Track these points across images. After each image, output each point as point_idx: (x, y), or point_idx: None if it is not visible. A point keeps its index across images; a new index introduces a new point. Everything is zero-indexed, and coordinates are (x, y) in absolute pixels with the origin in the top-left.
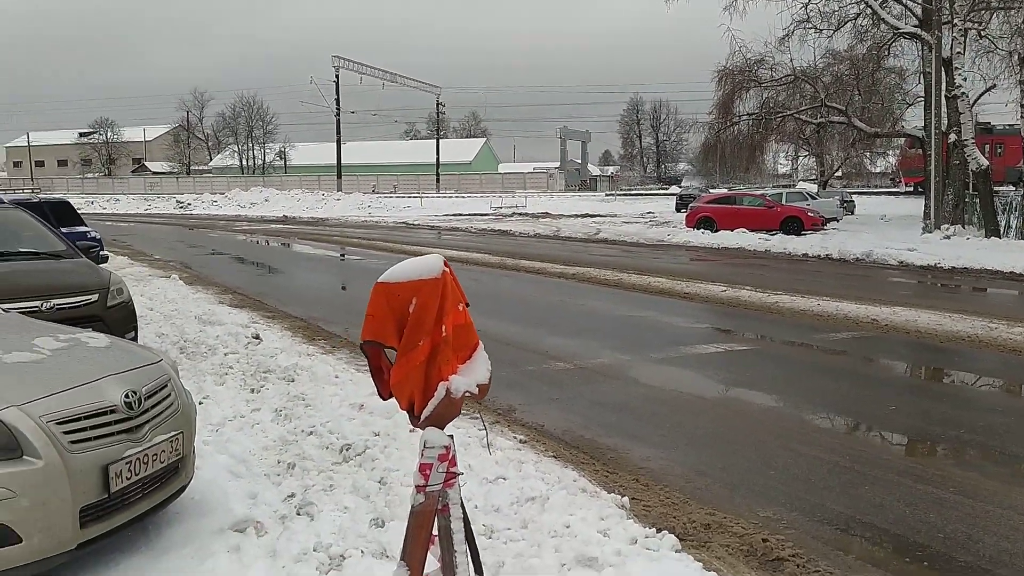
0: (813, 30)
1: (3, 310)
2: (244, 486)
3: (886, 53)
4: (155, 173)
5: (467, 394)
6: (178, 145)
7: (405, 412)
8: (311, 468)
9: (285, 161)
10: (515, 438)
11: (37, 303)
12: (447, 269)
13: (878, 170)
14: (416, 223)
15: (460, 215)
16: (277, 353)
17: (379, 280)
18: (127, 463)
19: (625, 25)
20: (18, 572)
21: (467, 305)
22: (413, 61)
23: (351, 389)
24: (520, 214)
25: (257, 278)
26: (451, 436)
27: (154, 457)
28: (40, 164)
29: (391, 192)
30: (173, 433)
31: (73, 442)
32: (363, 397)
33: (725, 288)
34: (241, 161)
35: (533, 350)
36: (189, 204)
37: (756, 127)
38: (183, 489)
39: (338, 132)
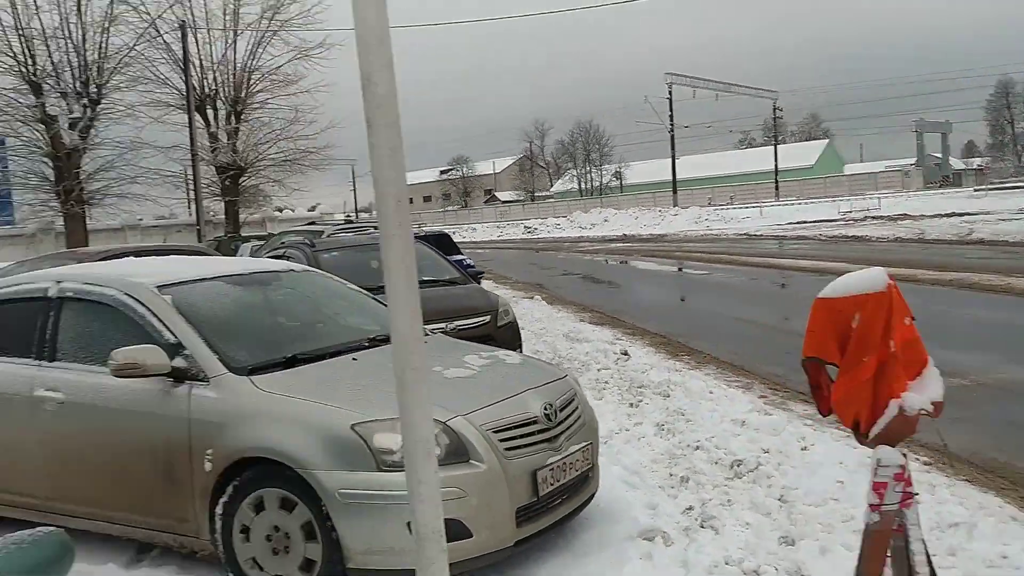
0: None
1: (429, 331)
2: (641, 497)
3: None
4: (504, 202)
5: (921, 412)
6: (523, 174)
7: (851, 429)
8: (704, 482)
9: (621, 181)
10: (917, 459)
11: (443, 324)
12: (891, 282)
13: None
14: (758, 233)
15: (805, 222)
16: (647, 369)
17: (819, 296)
18: (550, 470)
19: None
20: (468, 564)
21: (913, 319)
22: (746, 69)
23: (727, 405)
24: (874, 217)
25: (609, 296)
26: (904, 454)
27: (570, 465)
28: (409, 201)
29: (727, 203)
30: (584, 444)
31: (507, 449)
32: (742, 413)
33: None
34: (580, 184)
35: None
36: (535, 228)
37: None
38: (592, 497)
39: (672, 148)
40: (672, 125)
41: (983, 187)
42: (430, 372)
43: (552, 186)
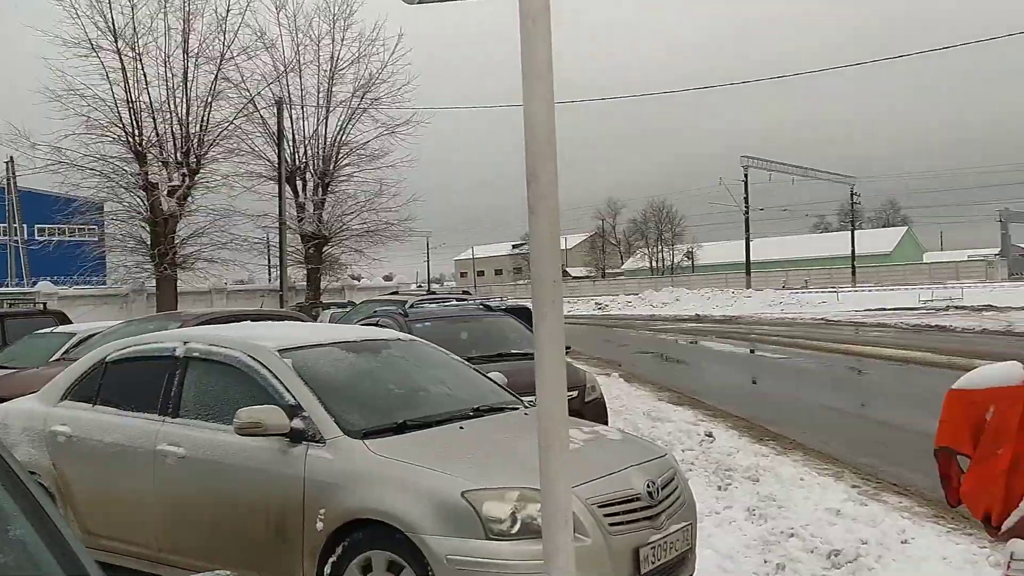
0: None
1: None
2: None
3: None
4: (575, 277)
5: None
6: (594, 251)
7: (981, 522)
8: (802, 570)
9: (693, 261)
10: None
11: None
12: None
13: None
14: (836, 319)
15: (884, 309)
16: (734, 452)
17: (953, 387)
18: (652, 548)
19: None
20: None
21: None
22: (823, 153)
23: (820, 493)
24: (956, 307)
25: (686, 376)
26: None
27: (671, 545)
28: (480, 274)
29: (802, 288)
30: (684, 524)
31: (611, 524)
32: (837, 502)
33: None
34: (651, 262)
35: None
36: (606, 305)
37: None
38: None
39: (747, 229)
40: (747, 207)
41: None
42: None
43: (623, 263)
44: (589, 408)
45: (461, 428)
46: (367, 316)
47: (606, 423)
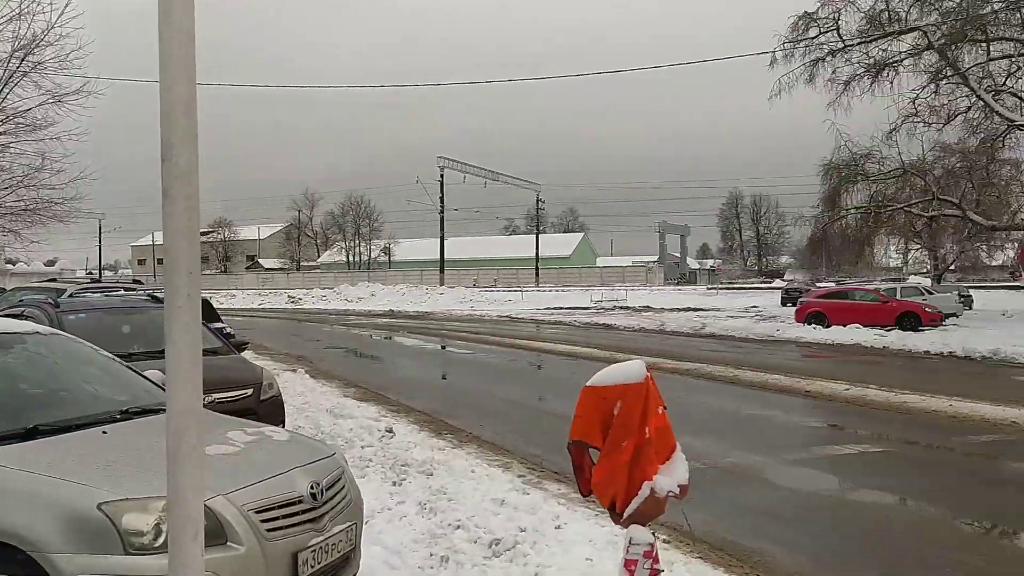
0: (922, 124)
1: None
2: None
3: (1000, 145)
4: (268, 269)
5: (670, 494)
6: (289, 242)
7: (608, 509)
8: (464, 561)
9: (390, 257)
10: (658, 537)
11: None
12: (649, 374)
13: (996, 263)
14: (519, 316)
15: (561, 308)
16: (411, 447)
17: (587, 384)
18: (312, 551)
19: (726, 120)
20: None
21: (665, 408)
22: (514, 160)
23: (488, 484)
24: (621, 308)
25: (375, 372)
26: (653, 533)
27: (333, 546)
28: (160, 261)
29: (491, 286)
30: (348, 524)
31: (269, 530)
32: (503, 492)
33: (848, 386)
34: (348, 257)
35: None
36: (300, 299)
37: (864, 220)
38: None
39: (442, 229)
40: (443, 207)
41: (715, 286)
42: None
43: (320, 256)
44: (264, 407)
45: (104, 432)
46: (12, 306)
47: (283, 422)
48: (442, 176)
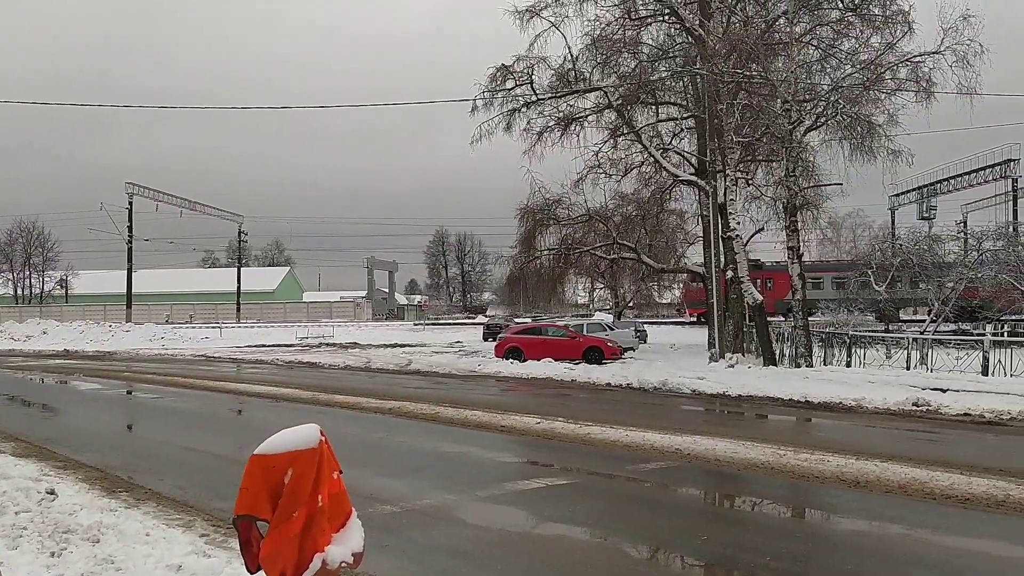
0: (604, 175)
1: None
2: None
3: (668, 197)
4: None
5: (343, 564)
6: None
7: None
8: None
9: (67, 290)
10: None
11: None
12: (323, 438)
13: (665, 301)
14: (216, 355)
15: (264, 346)
16: (77, 510)
17: (255, 452)
18: None
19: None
20: None
21: (340, 472)
22: (215, 191)
23: (165, 548)
24: (328, 344)
25: (40, 422)
26: None
27: None
28: None
29: (187, 322)
30: None
31: None
32: (180, 557)
33: (539, 420)
34: (16, 290)
35: (359, 493)
36: None
37: (556, 261)
38: None
39: (129, 260)
40: (131, 236)
41: (422, 322)
42: None
43: None
44: None
45: None
46: None
47: None
48: (131, 203)
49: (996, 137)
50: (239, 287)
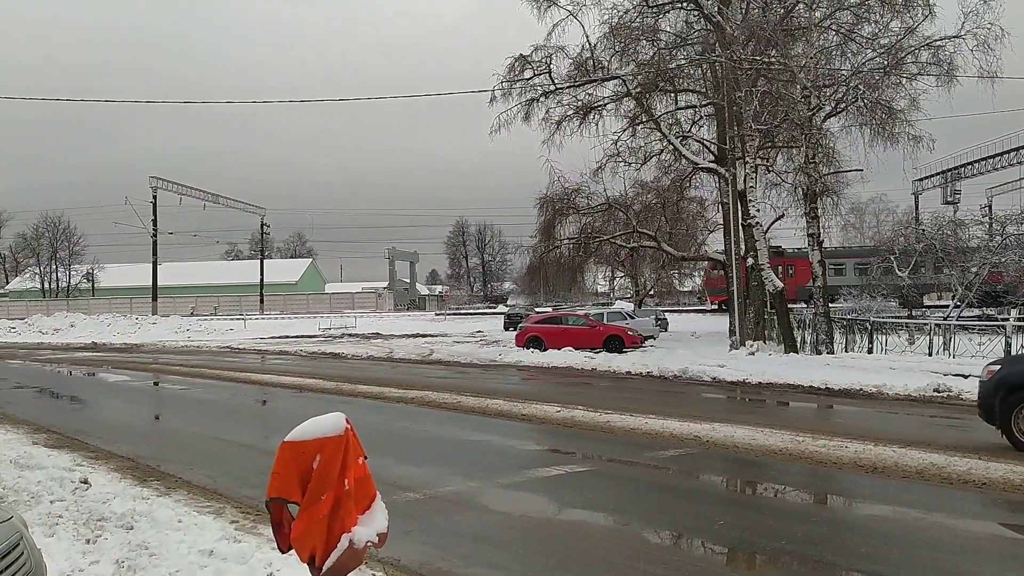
0: (623, 163)
1: None
2: None
3: (688, 184)
4: None
5: (369, 544)
6: None
7: (307, 563)
8: None
9: (93, 283)
10: (372, 574)
11: None
12: (349, 426)
13: (686, 289)
14: (241, 347)
15: (288, 337)
16: (110, 498)
17: (285, 439)
18: None
19: (453, 152)
20: None
21: (365, 458)
22: (236, 185)
23: (197, 534)
24: (350, 335)
25: (72, 414)
26: None
27: None
28: None
29: (211, 314)
30: None
31: None
32: (212, 543)
33: (559, 409)
34: (43, 284)
35: (382, 480)
36: None
37: (576, 250)
38: None
39: (155, 253)
40: (156, 229)
41: (443, 311)
42: None
43: (8, 283)
44: None
45: None
46: None
47: None
48: (155, 197)
49: (1019, 120)
50: (262, 279)
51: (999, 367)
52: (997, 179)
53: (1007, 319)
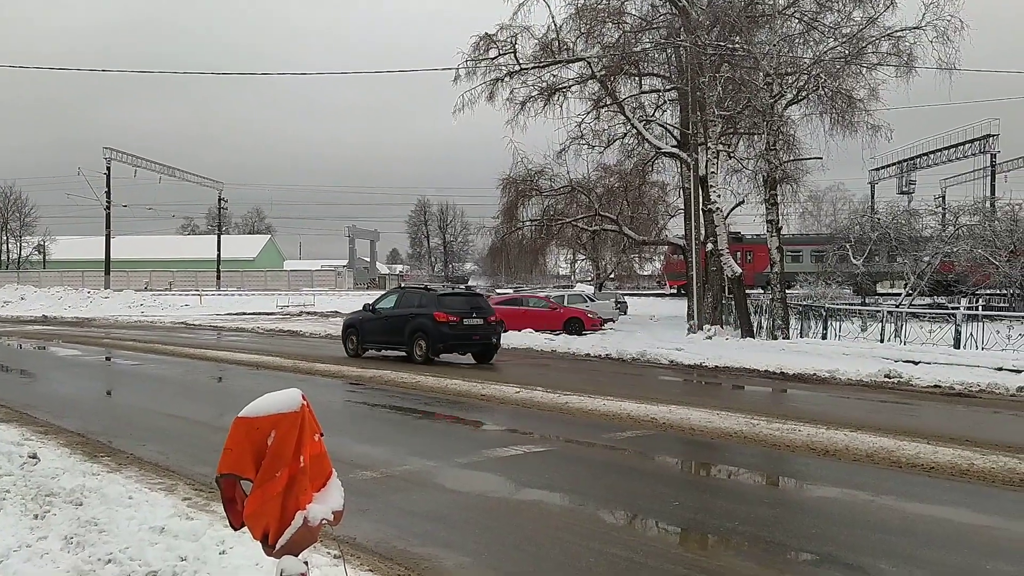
0: (586, 146)
1: None
2: None
3: (650, 169)
4: None
5: (324, 521)
6: None
7: (260, 541)
8: None
9: (44, 256)
10: (329, 553)
11: None
12: (305, 403)
13: (646, 273)
14: (196, 323)
15: (244, 314)
16: (59, 474)
17: (239, 415)
18: None
19: (416, 130)
20: None
21: (321, 435)
22: (193, 155)
23: (148, 511)
24: (309, 313)
25: (21, 388)
26: (306, 563)
27: None
28: None
29: (166, 289)
30: None
31: None
32: (163, 519)
33: (519, 389)
34: None
35: (339, 459)
36: None
37: (538, 232)
38: None
39: (108, 226)
40: (109, 202)
41: None
42: None
43: None
44: None
45: None
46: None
47: None
48: (108, 169)
49: (975, 113)
50: (219, 254)
51: None
52: (952, 170)
53: (957, 308)
